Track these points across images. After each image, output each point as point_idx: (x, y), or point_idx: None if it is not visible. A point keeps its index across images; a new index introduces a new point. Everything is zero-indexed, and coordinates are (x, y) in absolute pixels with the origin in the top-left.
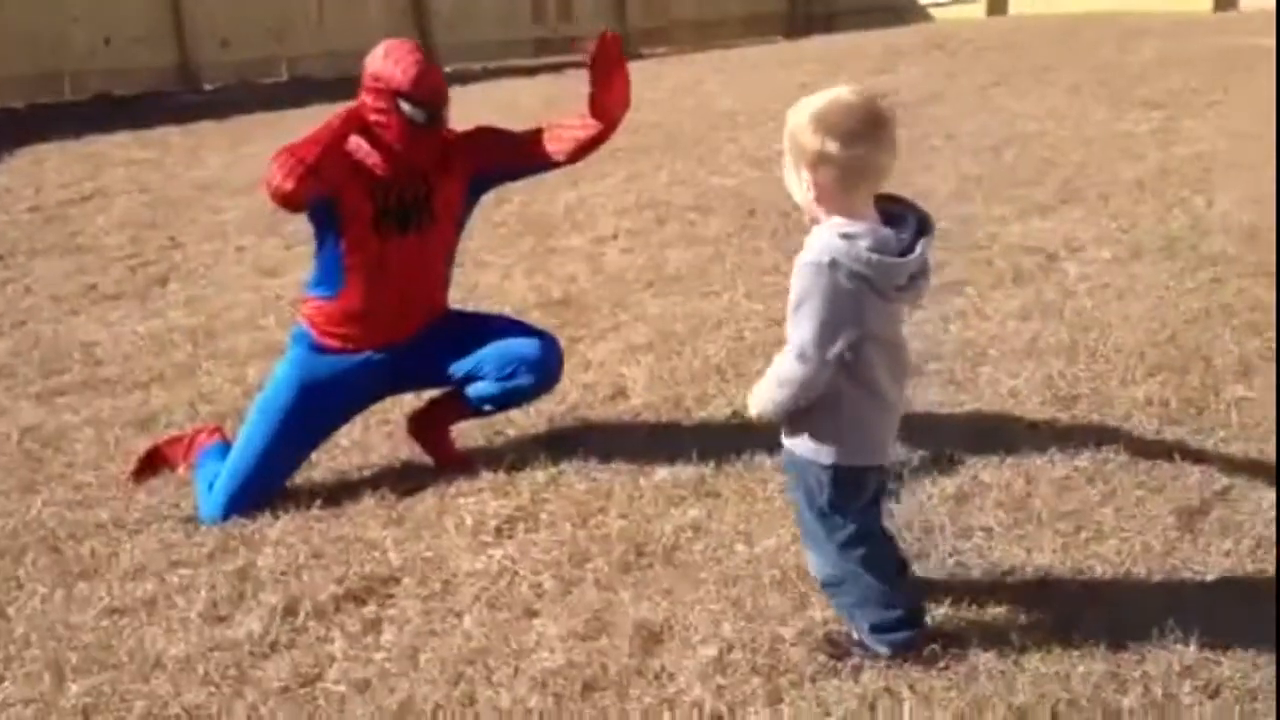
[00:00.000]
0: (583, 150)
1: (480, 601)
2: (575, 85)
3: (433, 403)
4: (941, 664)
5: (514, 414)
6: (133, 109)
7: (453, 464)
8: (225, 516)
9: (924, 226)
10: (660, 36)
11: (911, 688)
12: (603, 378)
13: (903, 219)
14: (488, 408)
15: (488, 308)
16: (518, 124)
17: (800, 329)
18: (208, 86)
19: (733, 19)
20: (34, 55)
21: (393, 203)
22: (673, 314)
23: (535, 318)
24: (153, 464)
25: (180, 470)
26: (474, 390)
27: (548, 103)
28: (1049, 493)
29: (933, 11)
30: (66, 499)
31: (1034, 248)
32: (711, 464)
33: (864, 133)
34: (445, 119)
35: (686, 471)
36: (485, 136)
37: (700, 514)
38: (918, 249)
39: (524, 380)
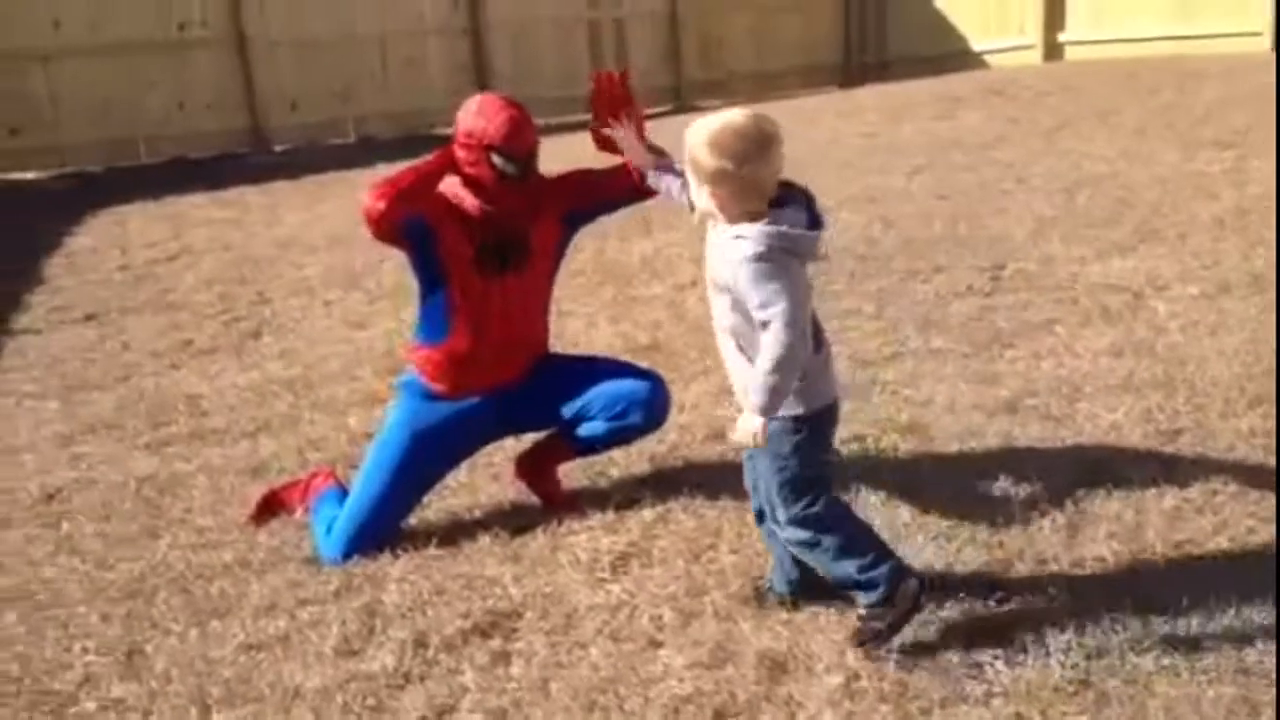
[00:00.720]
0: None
1: (603, 634)
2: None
3: (539, 445)
4: (1070, 690)
5: (616, 455)
6: (207, 171)
7: (561, 504)
8: (345, 557)
9: (810, 199)
10: (716, 89)
11: (1043, 713)
12: (698, 419)
13: (791, 199)
14: (597, 447)
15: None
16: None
17: (777, 305)
18: (278, 148)
19: (788, 70)
20: (110, 121)
21: (491, 240)
22: None
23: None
24: (270, 508)
25: (298, 513)
26: (584, 430)
27: (608, 158)
28: (1160, 524)
29: (988, 58)
30: (190, 542)
31: (1118, 286)
32: None
33: (753, 153)
34: (535, 169)
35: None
36: (576, 175)
37: None
38: (825, 221)
39: (634, 419)
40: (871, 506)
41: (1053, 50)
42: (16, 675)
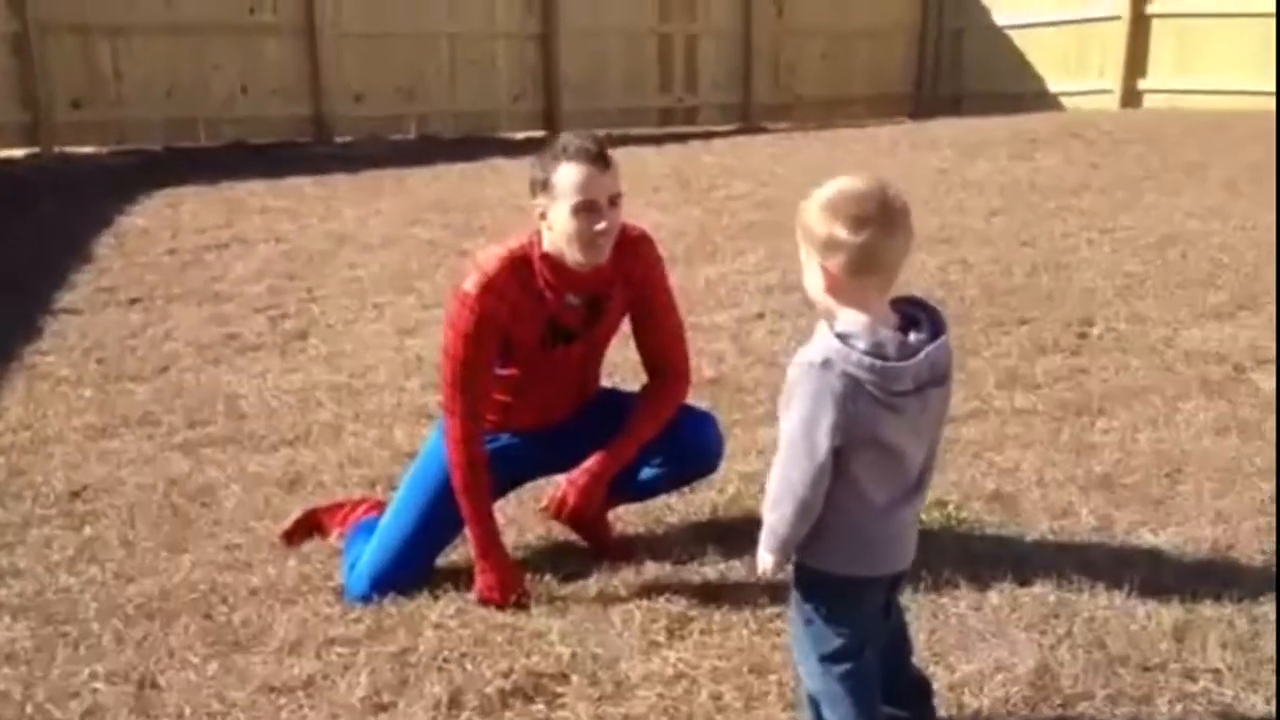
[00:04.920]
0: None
1: (657, 710)
2: (692, 153)
3: None
4: None
5: (674, 504)
6: (266, 158)
7: (612, 551)
8: (370, 595)
9: (937, 329)
10: (784, 112)
11: None
12: (764, 468)
13: (917, 321)
14: (649, 491)
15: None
16: (646, 189)
17: (787, 423)
18: (339, 139)
19: (859, 98)
20: (173, 100)
21: (561, 326)
22: None
23: (692, 395)
24: (307, 527)
25: (332, 538)
26: (639, 473)
27: (673, 172)
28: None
29: (1064, 100)
30: (217, 560)
31: (1217, 355)
32: None
33: (873, 218)
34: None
35: None
36: (653, 293)
37: None
38: (922, 353)
39: (687, 461)
40: (956, 585)
41: (1131, 97)
42: (18, 699)
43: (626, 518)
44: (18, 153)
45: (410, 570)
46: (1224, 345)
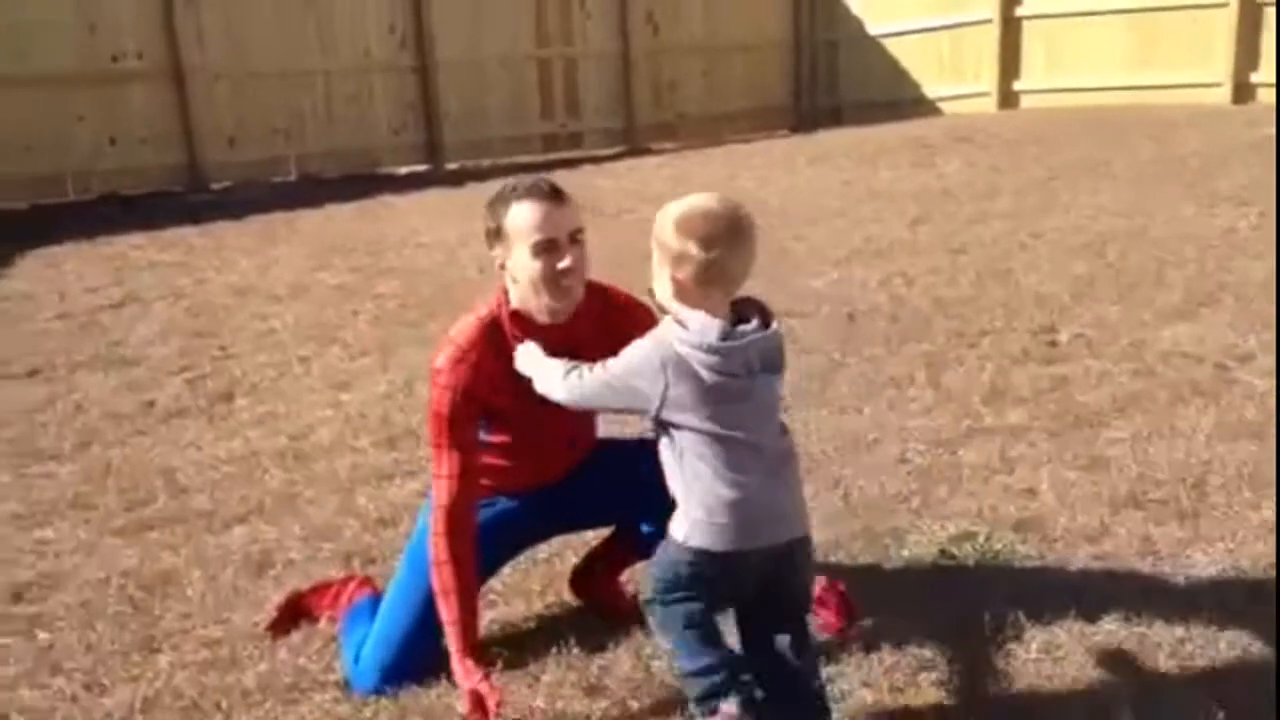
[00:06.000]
0: None
1: None
2: (587, 179)
3: (594, 553)
4: None
5: None
6: (141, 209)
7: (630, 616)
8: (381, 688)
9: (765, 319)
10: (668, 131)
11: None
12: None
13: (747, 316)
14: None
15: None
16: None
17: (611, 361)
18: (215, 186)
19: (739, 113)
20: (36, 155)
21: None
22: (816, 432)
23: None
24: (292, 614)
25: (322, 622)
26: (646, 528)
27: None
28: None
29: (942, 105)
30: (197, 659)
31: (1194, 355)
32: (947, 632)
33: (721, 237)
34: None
35: (915, 650)
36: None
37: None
38: (746, 340)
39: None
40: (1018, 626)
41: (1008, 98)
42: None
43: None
44: None
45: (422, 656)
46: (1198, 345)
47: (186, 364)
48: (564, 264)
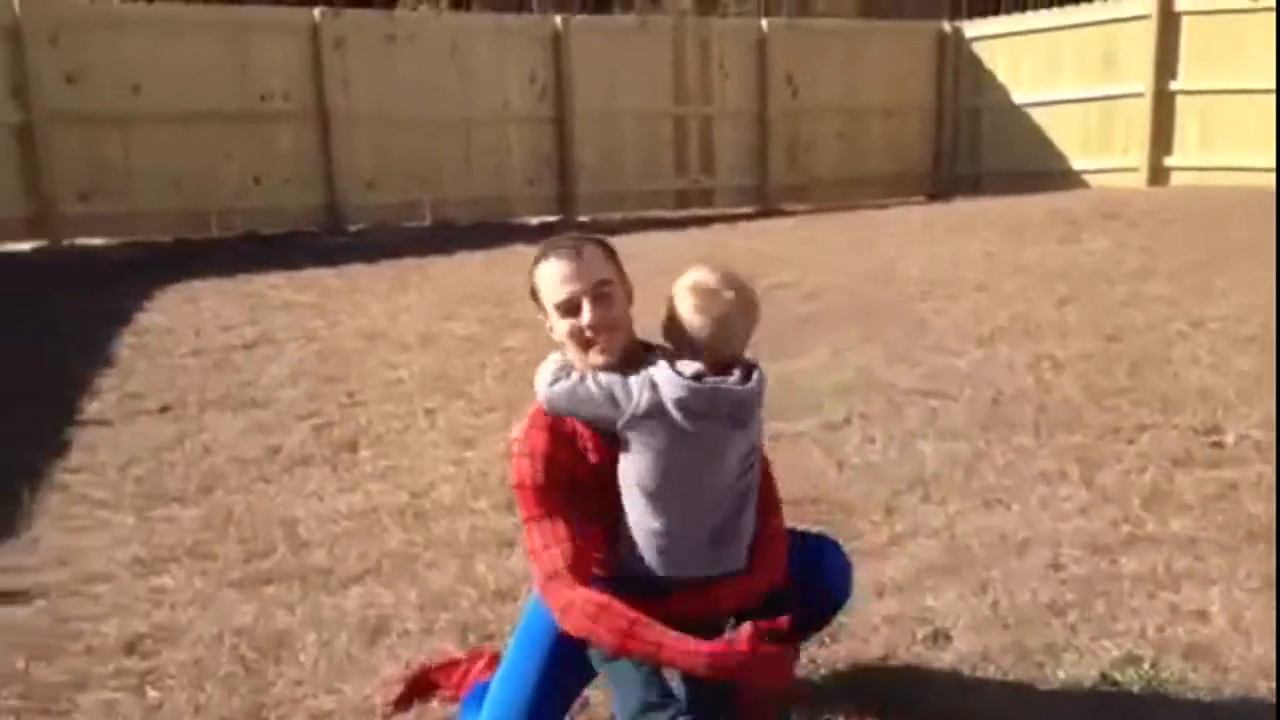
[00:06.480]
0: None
1: None
2: (720, 237)
3: None
4: None
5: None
6: (279, 248)
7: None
8: None
9: (748, 372)
10: (800, 193)
11: None
12: (907, 609)
13: (734, 371)
14: None
15: None
16: (663, 275)
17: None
18: (352, 228)
19: (876, 177)
20: (182, 191)
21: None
22: (961, 527)
23: (792, 517)
24: (419, 690)
25: (435, 701)
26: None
27: (706, 259)
28: None
29: (1088, 177)
30: None
31: None
32: None
33: (732, 322)
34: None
35: None
36: None
37: None
38: (724, 383)
39: (813, 600)
40: None
41: (1158, 174)
42: None
43: None
44: (25, 246)
45: None
46: None
47: (314, 409)
48: (586, 319)
